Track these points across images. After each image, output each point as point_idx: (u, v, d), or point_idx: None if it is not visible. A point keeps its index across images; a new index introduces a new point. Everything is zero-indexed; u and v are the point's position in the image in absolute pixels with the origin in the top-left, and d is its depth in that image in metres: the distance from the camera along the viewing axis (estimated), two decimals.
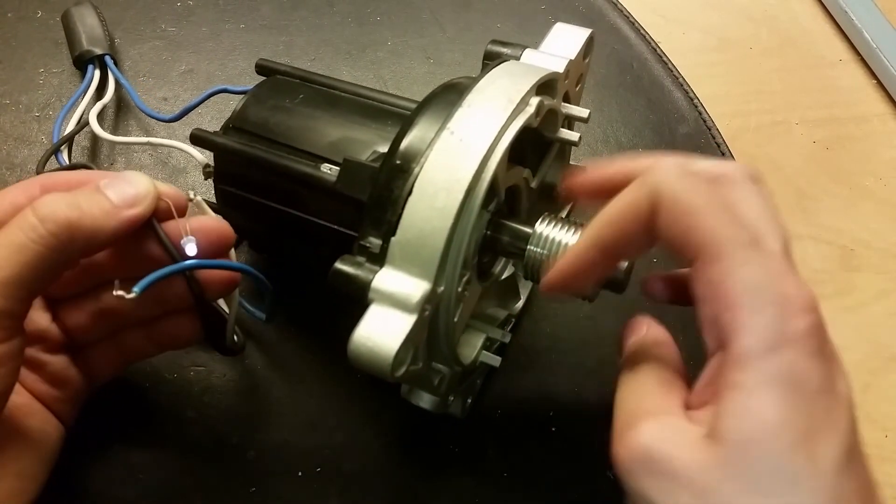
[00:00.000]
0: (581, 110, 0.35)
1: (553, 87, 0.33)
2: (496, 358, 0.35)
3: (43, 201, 0.28)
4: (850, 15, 0.57)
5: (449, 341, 0.30)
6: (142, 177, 0.31)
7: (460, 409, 0.38)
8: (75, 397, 0.34)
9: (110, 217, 0.29)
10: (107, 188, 0.30)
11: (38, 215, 0.28)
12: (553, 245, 0.31)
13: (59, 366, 0.33)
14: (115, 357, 0.35)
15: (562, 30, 0.36)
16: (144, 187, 0.31)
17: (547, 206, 0.39)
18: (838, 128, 0.54)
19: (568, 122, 0.36)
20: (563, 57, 0.34)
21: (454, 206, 0.27)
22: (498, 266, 0.37)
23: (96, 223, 0.29)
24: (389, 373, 0.26)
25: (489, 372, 0.40)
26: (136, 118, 0.49)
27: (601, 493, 0.38)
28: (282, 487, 0.38)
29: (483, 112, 0.29)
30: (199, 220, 0.32)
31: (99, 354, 0.35)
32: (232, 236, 0.33)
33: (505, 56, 0.34)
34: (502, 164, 0.29)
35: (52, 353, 0.33)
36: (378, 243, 0.28)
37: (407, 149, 0.29)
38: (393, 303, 0.27)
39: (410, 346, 0.27)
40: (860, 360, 0.45)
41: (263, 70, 0.41)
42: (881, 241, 0.49)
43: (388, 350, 0.26)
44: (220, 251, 0.33)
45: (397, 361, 0.26)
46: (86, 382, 0.35)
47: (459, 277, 0.29)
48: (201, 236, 0.32)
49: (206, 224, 0.32)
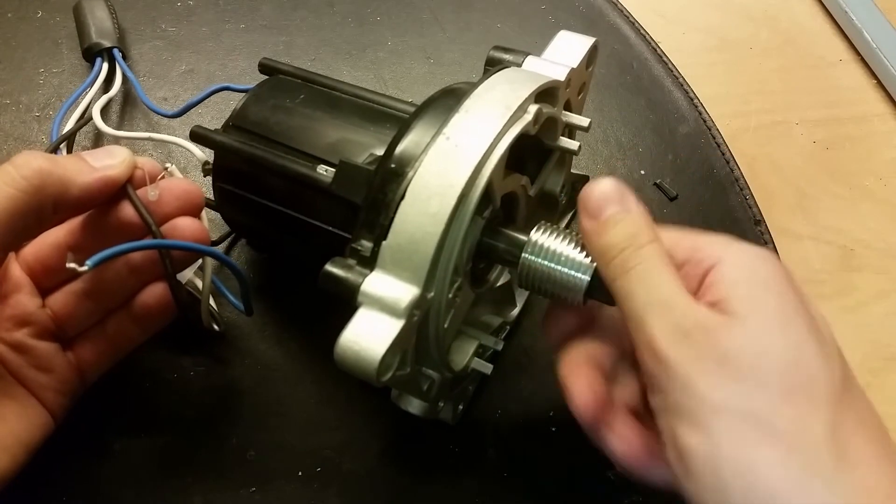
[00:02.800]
0: (582, 119, 0.35)
1: (554, 94, 0.33)
2: (488, 365, 0.35)
3: (20, 154, 0.30)
4: (850, 15, 0.57)
5: (439, 347, 0.30)
6: (121, 148, 0.33)
7: (451, 415, 0.38)
8: (64, 388, 0.34)
9: (84, 173, 0.31)
10: (87, 155, 0.33)
11: (13, 164, 0.30)
12: (548, 254, 0.31)
13: (45, 351, 0.34)
14: (103, 346, 0.35)
15: (565, 37, 0.36)
16: (122, 154, 0.33)
17: (547, 215, 0.39)
18: (838, 128, 0.54)
19: (569, 131, 0.36)
20: (566, 65, 0.34)
21: (446, 211, 0.27)
22: (493, 273, 0.37)
23: (68, 173, 0.31)
24: (375, 377, 0.26)
25: (483, 379, 0.40)
26: (138, 116, 0.49)
27: (601, 494, 0.38)
28: (282, 487, 0.38)
29: (480, 118, 0.29)
30: (169, 180, 0.35)
31: (87, 344, 0.35)
32: (201, 198, 0.35)
33: (507, 62, 0.34)
34: (498, 170, 0.28)
35: (40, 338, 0.34)
36: (369, 246, 0.28)
37: (402, 153, 0.29)
38: (381, 307, 0.27)
39: (397, 350, 0.27)
40: (860, 360, 0.45)
41: (266, 69, 0.41)
42: (881, 241, 0.49)
43: (374, 354, 0.26)
44: (187, 210, 0.34)
45: (383, 366, 0.26)
46: (76, 374, 0.35)
47: (450, 284, 0.29)
48: (168, 194, 0.34)
49: (175, 183, 0.34)
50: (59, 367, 0.34)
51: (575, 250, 0.30)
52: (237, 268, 0.36)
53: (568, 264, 0.30)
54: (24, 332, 0.34)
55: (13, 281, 0.34)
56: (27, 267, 0.35)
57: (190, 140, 0.37)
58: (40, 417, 0.34)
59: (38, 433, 0.33)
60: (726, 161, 0.49)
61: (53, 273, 0.34)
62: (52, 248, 0.34)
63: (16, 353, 0.33)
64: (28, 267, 0.35)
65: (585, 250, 0.30)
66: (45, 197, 0.30)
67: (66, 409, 0.35)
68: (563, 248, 0.31)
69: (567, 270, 0.30)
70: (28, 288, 0.34)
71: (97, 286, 0.35)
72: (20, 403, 0.33)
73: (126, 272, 0.34)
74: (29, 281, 0.34)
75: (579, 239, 0.31)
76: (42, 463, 0.37)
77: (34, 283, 0.35)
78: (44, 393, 0.34)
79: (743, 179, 0.48)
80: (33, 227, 0.31)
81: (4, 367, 0.33)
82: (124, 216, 0.33)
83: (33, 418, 0.33)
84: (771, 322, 0.25)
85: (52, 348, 0.34)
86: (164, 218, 0.34)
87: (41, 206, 0.30)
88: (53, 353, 0.34)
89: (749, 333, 0.25)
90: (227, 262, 0.35)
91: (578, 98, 0.37)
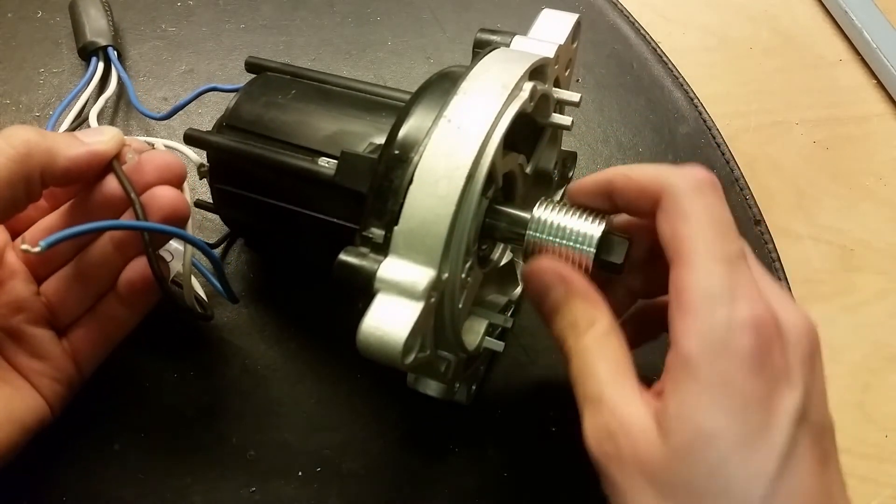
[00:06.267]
0: (572, 94, 0.35)
1: (544, 72, 0.33)
2: (499, 343, 0.35)
3: (9, 126, 0.31)
4: (850, 15, 0.57)
5: (454, 328, 0.30)
6: (110, 127, 0.34)
7: (465, 395, 0.38)
8: (59, 375, 0.34)
9: (73, 147, 0.32)
10: (77, 133, 0.33)
11: (1, 135, 0.31)
12: (552, 229, 0.31)
13: (41, 338, 0.34)
14: (96, 332, 0.36)
15: (549, 15, 0.36)
16: (111, 132, 0.34)
17: (541, 192, 0.39)
18: (838, 128, 0.54)
19: (559, 107, 0.36)
20: (553, 42, 0.34)
21: (456, 192, 0.27)
22: (496, 252, 0.37)
23: (57, 145, 0.32)
24: (400, 360, 0.26)
25: (492, 359, 0.40)
26: (135, 116, 0.49)
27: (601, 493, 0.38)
28: (282, 487, 0.38)
29: (479, 99, 0.29)
30: (151, 151, 0.35)
31: (80, 331, 0.35)
32: (182, 168, 0.35)
33: (495, 43, 0.34)
34: (499, 150, 0.29)
35: (35, 325, 0.34)
36: (381, 233, 0.28)
37: (405, 138, 0.29)
38: (399, 291, 0.27)
39: (419, 333, 0.27)
40: (860, 360, 0.45)
41: (253, 68, 0.41)
42: (881, 241, 0.49)
43: (397, 338, 0.26)
44: (167, 180, 0.34)
45: (406, 349, 0.26)
46: (71, 363, 0.35)
47: (463, 264, 0.29)
48: (149, 164, 0.34)
49: (156, 154, 0.35)
50: (54, 354, 0.34)
51: (579, 221, 0.31)
52: (206, 248, 0.35)
53: (573, 238, 0.31)
54: (20, 319, 0.34)
55: (8, 267, 0.34)
56: (22, 254, 0.35)
57: (184, 143, 0.37)
58: (35, 401, 0.34)
59: (33, 416, 0.33)
60: (726, 161, 0.49)
61: (47, 260, 0.35)
62: (45, 234, 0.34)
63: (11, 339, 0.34)
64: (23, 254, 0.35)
65: (589, 220, 0.31)
66: (32, 166, 0.31)
67: (63, 399, 0.35)
68: (568, 222, 0.31)
69: (573, 244, 0.31)
70: (23, 275, 0.35)
71: (85, 267, 0.35)
72: (14, 388, 0.33)
73: (111, 249, 0.34)
74: (24, 268, 0.35)
75: (581, 212, 0.31)
76: (42, 463, 0.37)
77: (29, 271, 0.35)
78: (39, 380, 0.34)
79: (743, 179, 0.48)
80: (22, 199, 0.31)
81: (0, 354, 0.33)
82: (110, 193, 0.33)
83: (28, 401, 0.33)
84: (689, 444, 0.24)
85: (47, 335, 0.34)
86: (144, 188, 0.34)
87: (29, 176, 0.31)
88: (48, 340, 0.34)
89: (665, 453, 0.24)
90: (194, 241, 0.34)
91: (566, 74, 0.38)
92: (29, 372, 0.34)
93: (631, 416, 0.25)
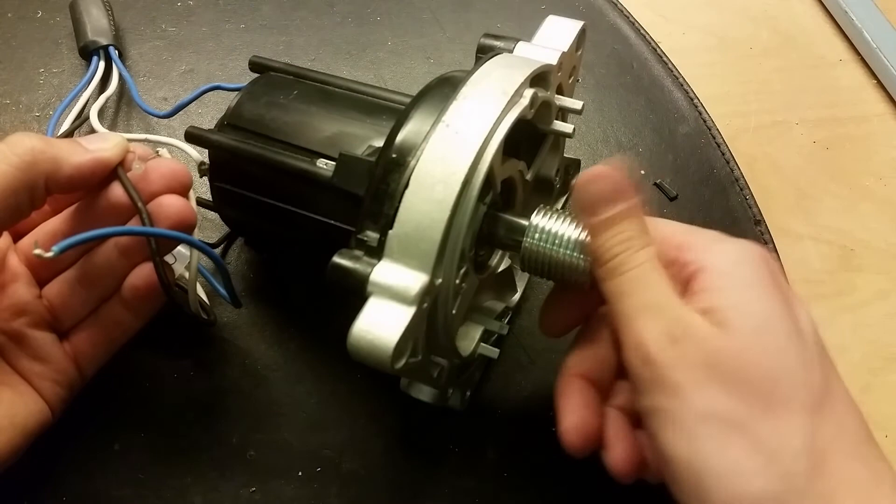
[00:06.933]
0: (574, 102, 0.35)
1: (546, 79, 0.33)
2: (494, 350, 0.35)
3: (14, 134, 0.31)
4: (850, 15, 0.57)
5: (448, 333, 0.30)
6: (115, 134, 0.35)
7: (459, 401, 0.38)
8: (61, 378, 0.35)
9: (77, 154, 0.32)
10: (81, 139, 0.33)
11: (6, 143, 0.31)
12: (550, 237, 0.31)
13: (42, 341, 0.34)
14: (99, 335, 0.35)
15: (554, 22, 0.36)
16: (115, 139, 0.34)
17: (542, 199, 0.39)
18: (838, 128, 0.54)
19: (562, 114, 0.36)
20: (556, 49, 0.34)
21: (451, 198, 0.27)
22: (494, 259, 0.37)
23: (61, 153, 0.32)
24: (389, 365, 0.26)
25: (487, 365, 0.40)
26: (136, 115, 0.49)
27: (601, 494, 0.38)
28: (282, 487, 0.38)
29: (478, 104, 0.29)
30: (157, 159, 0.35)
31: (83, 334, 0.35)
32: (188, 177, 0.35)
33: (498, 49, 0.34)
34: (497, 155, 0.29)
35: (36, 328, 0.34)
36: (376, 237, 0.28)
37: (403, 142, 0.29)
38: (391, 295, 0.27)
39: (410, 338, 0.27)
40: (860, 360, 0.45)
41: (257, 67, 0.41)
42: (881, 241, 0.49)
43: (387, 342, 0.26)
44: (173, 188, 0.34)
45: (397, 353, 0.26)
46: (73, 366, 0.35)
47: (457, 270, 0.29)
48: (155, 172, 0.34)
49: (162, 162, 0.35)
50: (55, 357, 0.34)
51: (577, 232, 0.31)
52: (214, 255, 0.35)
53: (571, 247, 0.30)
54: (21, 322, 0.34)
55: (11, 271, 0.34)
56: (25, 257, 0.35)
57: (185, 141, 0.37)
58: (36, 404, 0.34)
59: (34, 419, 0.33)
60: (726, 161, 0.49)
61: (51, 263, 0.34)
62: (49, 238, 0.34)
63: (12, 342, 0.34)
64: (26, 257, 0.35)
65: None
66: (37, 174, 0.31)
67: (64, 401, 0.35)
68: (566, 231, 0.31)
69: (571, 253, 0.30)
70: (25, 278, 0.35)
71: (89, 272, 0.35)
72: (16, 391, 0.33)
73: (116, 255, 0.34)
74: (26, 271, 0.35)
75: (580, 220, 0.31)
76: (42, 462, 0.37)
77: (32, 274, 0.35)
78: (40, 382, 0.34)
79: (743, 179, 0.48)
80: (26, 206, 0.31)
81: (1, 356, 0.33)
82: (116, 200, 0.33)
83: (29, 404, 0.33)
84: (754, 331, 0.26)
85: (48, 338, 0.34)
86: (151, 197, 0.34)
87: (33, 184, 0.31)
88: (50, 343, 0.34)
89: (734, 344, 0.26)
90: (203, 249, 0.34)
91: (570, 81, 0.37)
92: (30, 375, 0.34)
93: (694, 319, 0.26)
